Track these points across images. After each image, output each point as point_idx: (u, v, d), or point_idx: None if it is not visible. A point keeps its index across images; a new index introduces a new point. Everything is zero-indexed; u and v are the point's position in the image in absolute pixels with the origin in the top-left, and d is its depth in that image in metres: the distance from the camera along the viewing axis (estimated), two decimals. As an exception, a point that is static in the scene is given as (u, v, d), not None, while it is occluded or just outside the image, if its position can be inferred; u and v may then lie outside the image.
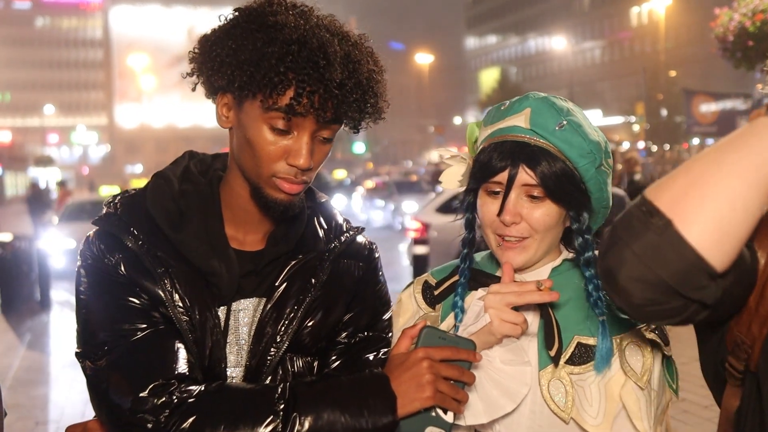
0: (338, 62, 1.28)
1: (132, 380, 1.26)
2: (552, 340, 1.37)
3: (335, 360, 1.45)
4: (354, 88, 1.31)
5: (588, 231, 1.41)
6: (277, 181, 1.34)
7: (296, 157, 1.31)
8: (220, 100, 1.38)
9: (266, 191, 1.35)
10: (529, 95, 1.44)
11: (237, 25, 1.32)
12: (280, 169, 1.33)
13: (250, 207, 1.41)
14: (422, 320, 1.39)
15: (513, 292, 1.34)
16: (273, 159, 1.32)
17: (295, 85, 1.26)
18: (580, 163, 1.36)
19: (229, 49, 1.29)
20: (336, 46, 1.30)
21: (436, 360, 1.30)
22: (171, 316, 1.33)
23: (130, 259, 1.34)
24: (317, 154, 1.35)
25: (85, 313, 1.35)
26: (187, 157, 1.49)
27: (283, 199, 1.35)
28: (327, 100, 1.28)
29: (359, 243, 1.55)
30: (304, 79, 1.26)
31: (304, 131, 1.31)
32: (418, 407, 1.28)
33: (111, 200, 1.42)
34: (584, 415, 1.34)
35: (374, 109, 1.39)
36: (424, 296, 1.56)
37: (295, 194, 1.36)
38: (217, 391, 1.27)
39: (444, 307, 1.52)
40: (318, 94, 1.27)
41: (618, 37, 74.75)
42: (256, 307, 1.41)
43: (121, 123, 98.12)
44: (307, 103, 1.27)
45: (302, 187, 1.37)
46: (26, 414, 6.08)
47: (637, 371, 1.36)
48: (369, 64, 1.36)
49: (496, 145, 1.39)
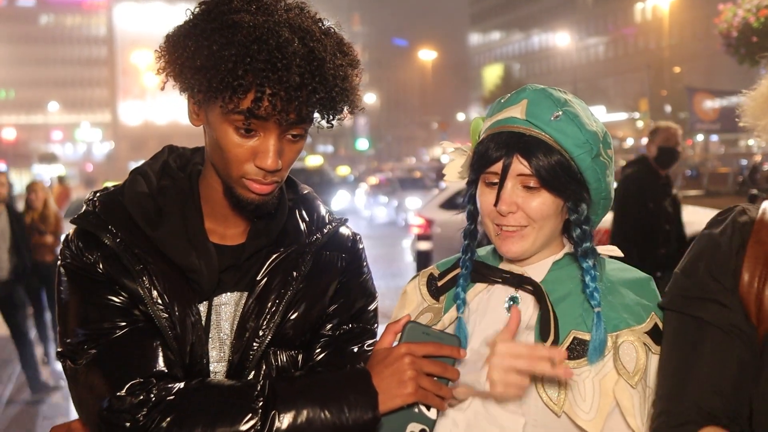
0: (297, 63, 1.24)
1: (110, 379, 1.25)
2: (547, 333, 1.37)
3: (320, 353, 1.44)
4: (318, 88, 1.27)
5: (587, 222, 1.41)
6: (247, 182, 1.32)
7: (263, 159, 1.29)
8: (190, 99, 1.36)
9: (237, 191, 1.34)
10: (527, 87, 1.44)
11: (197, 24, 1.28)
12: (248, 171, 1.31)
13: (228, 202, 1.40)
14: (406, 315, 1.39)
15: (524, 359, 1.28)
16: (240, 161, 1.30)
17: (255, 89, 1.22)
18: (576, 153, 1.37)
19: (188, 52, 1.26)
20: (296, 44, 1.25)
21: (419, 356, 1.28)
22: (150, 313, 1.31)
23: (109, 257, 1.33)
24: (287, 154, 1.33)
25: (64, 313, 1.34)
26: (166, 152, 1.48)
27: (254, 199, 1.34)
28: (287, 102, 1.24)
29: (342, 234, 1.53)
30: (263, 82, 1.22)
31: (270, 132, 1.29)
32: (400, 403, 1.27)
33: (90, 198, 1.41)
34: (577, 410, 1.34)
35: (344, 105, 1.36)
36: (428, 288, 1.56)
37: (266, 194, 1.34)
38: (196, 388, 1.26)
39: (447, 298, 1.52)
40: (278, 97, 1.23)
41: (622, 33, 74.53)
42: (238, 302, 1.41)
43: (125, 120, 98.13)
44: (268, 106, 1.24)
45: (273, 188, 1.35)
46: (32, 409, 6.14)
47: (630, 370, 1.35)
48: (337, 58, 1.32)
49: (493, 135, 1.40)
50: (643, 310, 1.40)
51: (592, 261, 1.40)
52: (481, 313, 1.47)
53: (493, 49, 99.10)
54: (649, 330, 1.39)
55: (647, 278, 1.48)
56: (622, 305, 1.40)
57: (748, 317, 1.18)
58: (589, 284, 1.37)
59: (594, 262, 1.40)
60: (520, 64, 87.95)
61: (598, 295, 1.37)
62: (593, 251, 1.41)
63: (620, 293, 1.42)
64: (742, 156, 39.65)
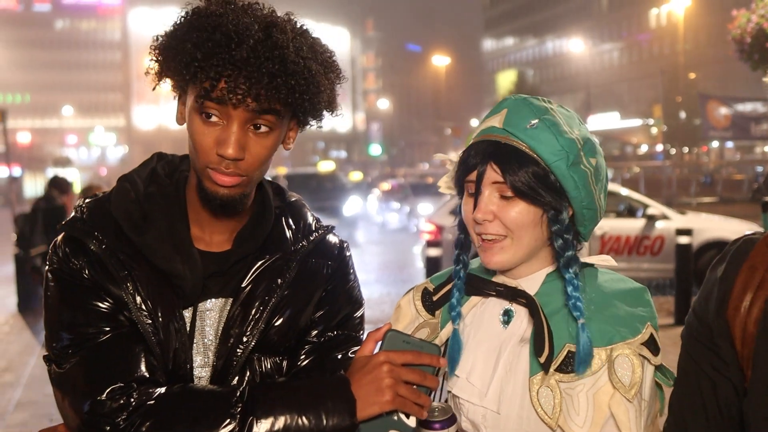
0: (251, 45, 1.26)
1: (91, 383, 1.26)
2: (542, 347, 1.36)
3: (304, 359, 1.44)
4: (277, 73, 1.27)
5: (568, 231, 1.38)
6: (210, 173, 1.33)
7: (222, 146, 1.30)
8: (179, 99, 1.39)
9: (204, 183, 1.35)
10: (509, 97, 1.44)
11: (172, 28, 1.34)
12: (211, 160, 1.32)
13: (199, 200, 1.41)
14: (387, 323, 1.38)
15: None
16: (205, 149, 1.31)
17: (212, 71, 1.25)
18: (550, 161, 1.34)
19: (163, 47, 1.32)
20: (255, 29, 1.27)
21: (398, 364, 1.28)
22: (134, 319, 1.32)
23: (94, 263, 1.34)
24: (254, 147, 1.32)
25: (50, 317, 1.35)
26: (155, 159, 1.49)
27: (218, 192, 1.34)
28: (246, 84, 1.25)
29: (329, 242, 1.54)
30: (218, 62, 1.24)
31: (232, 120, 1.30)
32: (378, 411, 1.27)
33: (80, 204, 1.42)
34: (571, 424, 1.33)
35: (313, 102, 1.35)
36: (423, 303, 1.54)
37: (229, 186, 1.33)
38: (177, 393, 1.27)
39: (443, 313, 1.50)
40: (235, 79, 1.25)
41: (636, 39, 74.35)
42: (223, 308, 1.41)
43: (139, 124, 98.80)
44: (224, 88, 1.25)
45: (236, 180, 1.34)
46: (41, 411, 6.14)
47: (626, 384, 1.33)
48: (303, 53, 1.32)
49: (473, 145, 1.40)
50: (639, 322, 1.38)
51: (573, 270, 1.38)
52: (475, 326, 1.46)
53: (506, 55, 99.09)
54: (645, 341, 1.37)
55: (642, 288, 1.45)
56: (616, 317, 1.38)
57: (733, 342, 1.20)
58: (572, 295, 1.35)
59: (576, 272, 1.38)
60: (533, 70, 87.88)
61: (582, 305, 1.35)
62: (575, 260, 1.39)
63: (614, 305, 1.40)
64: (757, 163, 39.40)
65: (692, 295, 8.39)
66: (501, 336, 1.43)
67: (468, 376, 1.42)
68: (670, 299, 8.82)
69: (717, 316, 1.21)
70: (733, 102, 21.70)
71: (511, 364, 1.40)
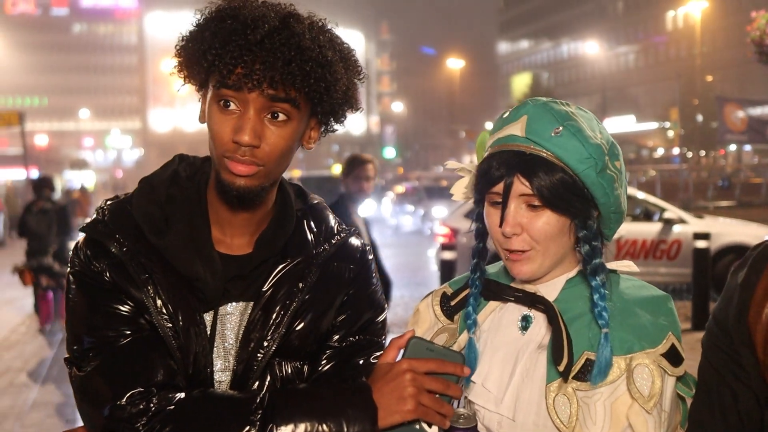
0: (266, 30, 1.26)
1: (111, 387, 1.25)
2: (560, 355, 1.33)
3: (326, 364, 1.42)
4: (293, 59, 1.27)
5: (596, 238, 1.36)
6: (227, 162, 1.31)
7: (238, 132, 1.29)
8: (202, 98, 1.39)
9: (222, 175, 1.33)
10: (528, 102, 1.40)
11: (197, 23, 1.34)
12: (228, 148, 1.31)
13: (230, 208, 1.40)
14: (411, 330, 1.36)
15: None
16: (221, 137, 1.31)
17: (228, 57, 1.26)
18: (580, 169, 1.32)
19: (185, 43, 1.34)
20: (272, 17, 1.29)
21: (421, 372, 1.27)
22: (154, 322, 1.31)
23: (115, 266, 1.33)
24: (271, 136, 1.31)
25: (72, 320, 1.35)
26: (176, 161, 1.48)
27: (234, 182, 1.32)
28: (262, 69, 1.26)
29: (351, 245, 1.51)
30: (233, 48, 1.25)
31: (249, 107, 1.29)
32: (399, 420, 1.25)
33: (101, 206, 1.41)
34: None
35: (330, 93, 1.33)
36: (442, 307, 1.52)
37: (246, 176, 1.31)
38: (196, 399, 1.26)
39: (461, 318, 1.48)
40: (251, 66, 1.26)
41: (653, 42, 73.94)
42: (243, 312, 1.40)
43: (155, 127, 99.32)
44: (240, 73, 1.26)
45: (253, 169, 1.31)
46: (57, 412, 6.18)
47: (644, 394, 1.30)
48: (320, 42, 1.32)
49: (494, 155, 1.36)
50: (660, 331, 1.35)
51: (601, 279, 1.35)
52: (492, 332, 1.43)
53: (521, 58, 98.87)
54: (665, 352, 1.34)
55: (665, 296, 1.42)
56: (636, 326, 1.35)
57: (754, 350, 1.17)
58: (598, 303, 1.33)
59: (603, 280, 1.35)
60: (548, 73, 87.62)
61: (607, 314, 1.33)
62: (602, 268, 1.36)
63: (635, 313, 1.37)
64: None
65: (710, 300, 8.30)
66: (519, 342, 1.41)
67: (484, 382, 1.40)
68: (687, 304, 8.74)
69: (738, 323, 1.19)
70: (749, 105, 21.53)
71: (528, 370, 1.38)
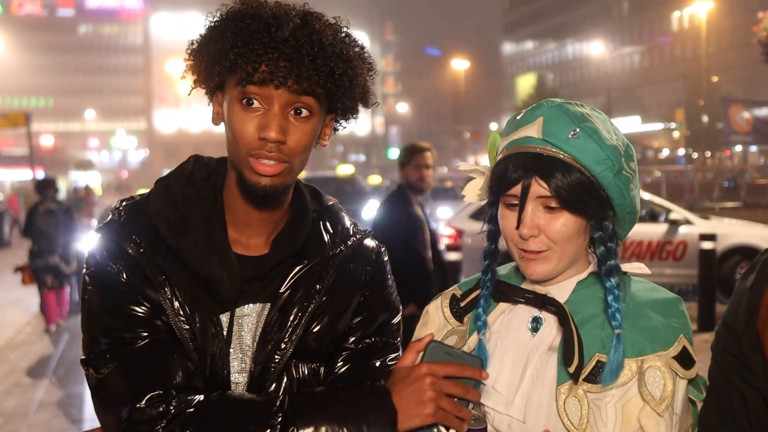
0: (290, 27, 1.28)
1: (130, 390, 1.25)
2: (571, 357, 1.33)
3: (342, 366, 1.42)
4: (316, 55, 1.29)
5: (611, 239, 1.37)
6: (252, 161, 1.31)
7: (265, 129, 1.29)
8: (214, 100, 1.39)
9: (245, 175, 1.33)
10: (543, 103, 1.39)
11: (210, 25, 1.35)
12: (253, 146, 1.30)
13: (249, 208, 1.40)
14: (429, 334, 1.36)
15: None
16: (246, 136, 1.30)
17: (253, 55, 1.27)
18: (597, 170, 1.32)
19: (204, 40, 1.35)
20: (293, 15, 1.31)
21: (440, 376, 1.27)
22: (171, 324, 1.31)
23: (132, 267, 1.33)
24: (295, 132, 1.31)
25: (88, 321, 1.34)
26: (191, 162, 1.48)
27: (260, 182, 1.32)
28: (286, 64, 1.27)
29: (367, 246, 1.51)
30: (258, 46, 1.26)
31: (273, 103, 1.30)
32: (419, 423, 1.26)
33: (116, 207, 1.42)
34: None
35: (350, 88, 1.35)
36: (451, 309, 1.52)
37: (271, 175, 1.32)
38: (216, 401, 1.26)
39: (471, 320, 1.48)
40: (273, 63, 1.27)
41: (658, 42, 73.79)
42: (260, 313, 1.40)
43: (160, 128, 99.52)
44: (265, 70, 1.27)
45: (279, 168, 1.32)
46: (63, 412, 6.19)
47: (656, 397, 1.30)
48: (339, 39, 1.34)
49: (510, 157, 1.36)
50: (671, 334, 1.34)
51: (615, 280, 1.35)
52: (502, 333, 1.43)
53: (526, 59, 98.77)
54: (676, 355, 1.33)
55: (676, 299, 1.41)
56: (648, 328, 1.34)
57: (763, 353, 1.17)
58: (612, 304, 1.33)
59: (618, 282, 1.35)
60: (553, 74, 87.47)
61: (620, 316, 1.32)
62: (617, 269, 1.37)
63: (647, 315, 1.36)
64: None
65: (716, 301, 8.29)
66: (529, 344, 1.40)
67: (494, 384, 1.39)
68: (693, 305, 8.72)
69: (746, 326, 1.19)
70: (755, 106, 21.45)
71: (538, 372, 1.37)
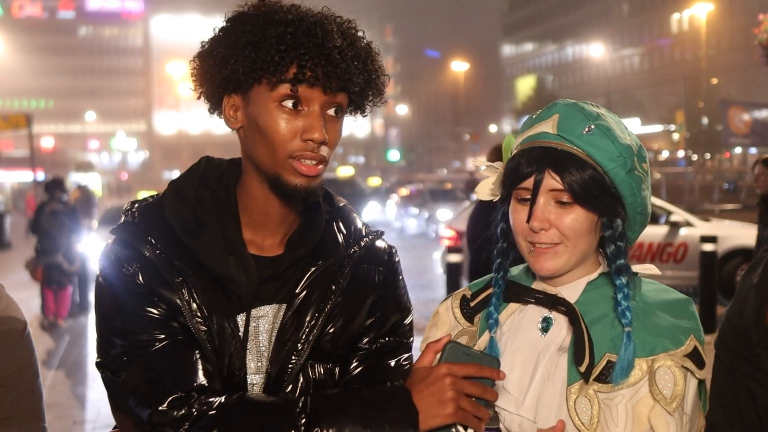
0: (336, 33, 1.30)
1: (151, 392, 1.25)
2: (582, 356, 1.34)
3: (356, 366, 1.43)
4: (355, 57, 1.31)
5: (621, 238, 1.37)
6: (294, 163, 1.31)
7: (310, 131, 1.29)
8: (226, 103, 1.37)
9: (284, 178, 1.33)
10: (558, 102, 1.42)
11: (232, 27, 1.34)
12: (295, 148, 1.30)
13: (267, 209, 1.40)
14: (447, 335, 1.37)
15: None
16: (287, 139, 1.30)
17: (297, 60, 1.27)
18: (610, 167, 1.33)
19: (229, 42, 1.31)
20: (331, 21, 1.33)
21: (459, 377, 1.28)
22: (189, 325, 1.31)
23: (148, 268, 1.33)
24: (330, 131, 1.33)
25: (103, 324, 1.34)
26: (203, 163, 1.48)
27: (302, 184, 1.33)
28: (328, 66, 1.28)
29: (379, 247, 1.52)
30: (305, 51, 1.27)
31: (314, 104, 1.30)
32: (440, 423, 1.26)
33: (129, 208, 1.41)
34: None
35: (377, 80, 1.39)
36: (462, 310, 1.53)
37: (313, 176, 1.33)
38: (237, 403, 1.26)
39: (481, 320, 1.49)
40: (320, 66, 1.28)
41: (658, 44, 73.80)
42: (276, 314, 1.40)
43: (160, 129, 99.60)
44: (312, 76, 1.28)
45: (320, 169, 1.34)
46: (64, 413, 6.19)
47: (667, 396, 1.30)
48: (366, 39, 1.38)
49: (524, 151, 1.37)
50: (682, 333, 1.35)
51: (625, 279, 1.36)
52: (513, 333, 1.44)
53: (526, 61, 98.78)
54: (689, 353, 1.34)
55: (686, 299, 1.42)
56: (658, 328, 1.35)
57: None
58: (621, 302, 1.33)
59: (627, 280, 1.36)
60: (553, 76, 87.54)
61: (630, 314, 1.33)
62: (627, 268, 1.37)
63: (657, 315, 1.37)
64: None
65: (717, 303, 8.29)
66: (539, 344, 1.41)
67: (504, 384, 1.40)
68: (694, 307, 8.73)
69: (755, 323, 1.18)
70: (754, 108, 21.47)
71: (549, 372, 1.38)
